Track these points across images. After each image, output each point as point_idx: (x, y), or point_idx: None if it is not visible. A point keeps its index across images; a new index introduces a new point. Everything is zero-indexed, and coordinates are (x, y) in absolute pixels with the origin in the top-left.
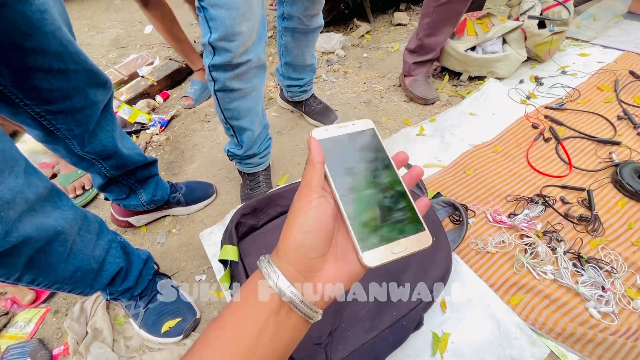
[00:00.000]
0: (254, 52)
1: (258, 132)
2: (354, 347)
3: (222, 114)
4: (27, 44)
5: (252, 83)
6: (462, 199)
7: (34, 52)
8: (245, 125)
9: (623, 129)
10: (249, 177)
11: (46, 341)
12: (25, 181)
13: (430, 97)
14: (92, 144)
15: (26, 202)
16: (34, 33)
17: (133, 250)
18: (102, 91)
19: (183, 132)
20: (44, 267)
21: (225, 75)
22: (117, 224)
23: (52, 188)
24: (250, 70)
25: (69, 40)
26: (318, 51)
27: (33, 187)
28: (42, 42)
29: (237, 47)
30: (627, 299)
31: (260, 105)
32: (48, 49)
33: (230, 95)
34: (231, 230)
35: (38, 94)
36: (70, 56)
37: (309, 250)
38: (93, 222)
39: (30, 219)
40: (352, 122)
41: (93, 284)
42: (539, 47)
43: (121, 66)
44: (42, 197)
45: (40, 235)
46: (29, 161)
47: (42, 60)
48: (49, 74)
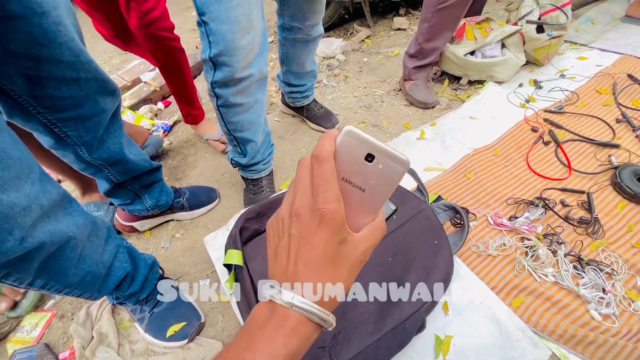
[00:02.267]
0: (256, 66)
1: (261, 141)
2: (358, 350)
3: (226, 126)
4: (42, 54)
5: (255, 96)
6: (463, 202)
7: (48, 62)
8: (249, 136)
9: (622, 132)
10: (252, 183)
11: (52, 345)
12: (40, 188)
13: (431, 101)
14: (100, 150)
15: (41, 209)
16: (49, 44)
17: (139, 255)
18: (111, 99)
19: (186, 137)
20: (56, 272)
21: (228, 91)
22: (122, 228)
23: (64, 194)
24: (252, 84)
25: (81, 50)
26: (319, 56)
27: (47, 194)
28: (56, 53)
29: (238, 62)
30: (627, 301)
31: (262, 117)
32: (62, 59)
33: (233, 110)
34: (235, 234)
35: (51, 102)
36: (82, 65)
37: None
38: (101, 227)
39: (44, 225)
40: (394, 147)
41: (101, 289)
42: (537, 51)
43: (124, 72)
44: (55, 203)
45: (53, 240)
46: (43, 169)
47: (56, 70)
48: (62, 82)
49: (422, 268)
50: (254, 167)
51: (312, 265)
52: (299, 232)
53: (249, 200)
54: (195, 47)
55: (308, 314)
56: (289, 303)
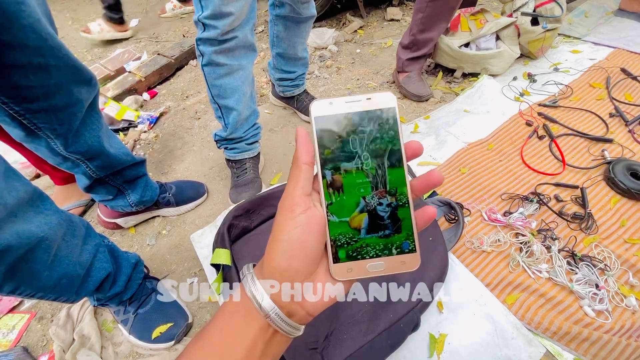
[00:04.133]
0: (241, 31)
1: (245, 114)
2: (351, 350)
3: (210, 91)
4: (3, 37)
5: (239, 61)
6: (458, 197)
7: (11, 46)
8: (232, 104)
9: (615, 126)
10: (236, 165)
11: (31, 349)
12: (4, 185)
13: (424, 94)
14: (76, 144)
15: (5, 208)
16: (10, 26)
17: (121, 254)
18: (86, 88)
19: (172, 129)
20: (26, 275)
21: (211, 49)
22: (105, 225)
23: (34, 192)
24: (237, 48)
25: (48, 34)
26: (310, 47)
27: (14, 192)
28: (20, 36)
29: (224, 26)
30: (620, 297)
31: (247, 87)
32: (26, 43)
33: (217, 71)
34: (223, 233)
35: (17, 92)
36: (50, 51)
37: (296, 275)
38: (79, 226)
39: (11, 225)
40: (369, 95)
41: (79, 291)
42: (531, 44)
43: (107, 61)
44: (24, 201)
45: (22, 242)
46: (8, 164)
47: (20, 56)
48: (28, 70)
49: None
50: (237, 144)
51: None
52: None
53: (234, 185)
54: (182, 35)
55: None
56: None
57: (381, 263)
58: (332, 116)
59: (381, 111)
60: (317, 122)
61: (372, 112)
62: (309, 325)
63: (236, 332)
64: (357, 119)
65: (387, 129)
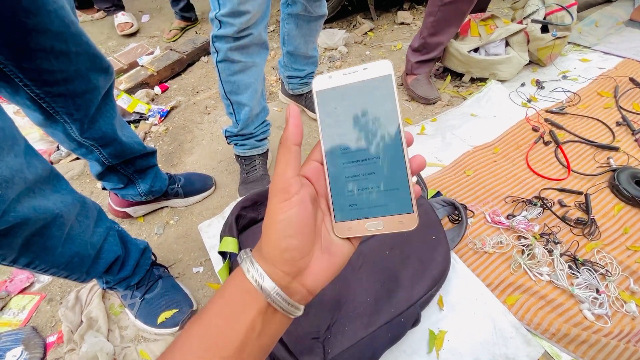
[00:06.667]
0: (256, 29)
1: (256, 111)
2: (352, 342)
3: (223, 87)
4: (30, 21)
5: (253, 58)
6: (462, 199)
7: (36, 31)
8: (244, 100)
9: (621, 135)
10: (245, 162)
11: (40, 329)
12: (24, 161)
13: (432, 96)
14: (91, 130)
15: (25, 183)
16: (37, 11)
17: (131, 240)
18: (104, 76)
19: (183, 123)
20: (41, 250)
21: (227, 46)
22: (115, 214)
23: (51, 171)
24: (251, 45)
25: (71, 21)
26: (320, 47)
27: (32, 168)
28: (45, 21)
29: (241, 24)
30: (620, 302)
31: (259, 84)
32: (50, 28)
33: (231, 67)
34: (231, 222)
35: (39, 75)
36: (72, 37)
37: (296, 254)
38: (92, 208)
39: (29, 200)
40: (365, 65)
41: (90, 271)
42: (541, 51)
43: (121, 55)
44: (42, 179)
45: (38, 217)
46: (28, 142)
47: (44, 40)
48: (50, 54)
49: (418, 262)
50: (247, 140)
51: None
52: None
53: (243, 181)
54: (194, 32)
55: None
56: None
57: (379, 222)
58: (332, 89)
59: (378, 79)
60: (319, 95)
61: (370, 81)
62: (312, 315)
63: (235, 312)
64: (355, 89)
65: (385, 94)
